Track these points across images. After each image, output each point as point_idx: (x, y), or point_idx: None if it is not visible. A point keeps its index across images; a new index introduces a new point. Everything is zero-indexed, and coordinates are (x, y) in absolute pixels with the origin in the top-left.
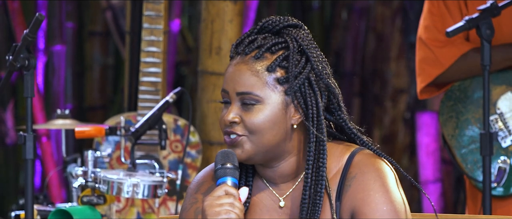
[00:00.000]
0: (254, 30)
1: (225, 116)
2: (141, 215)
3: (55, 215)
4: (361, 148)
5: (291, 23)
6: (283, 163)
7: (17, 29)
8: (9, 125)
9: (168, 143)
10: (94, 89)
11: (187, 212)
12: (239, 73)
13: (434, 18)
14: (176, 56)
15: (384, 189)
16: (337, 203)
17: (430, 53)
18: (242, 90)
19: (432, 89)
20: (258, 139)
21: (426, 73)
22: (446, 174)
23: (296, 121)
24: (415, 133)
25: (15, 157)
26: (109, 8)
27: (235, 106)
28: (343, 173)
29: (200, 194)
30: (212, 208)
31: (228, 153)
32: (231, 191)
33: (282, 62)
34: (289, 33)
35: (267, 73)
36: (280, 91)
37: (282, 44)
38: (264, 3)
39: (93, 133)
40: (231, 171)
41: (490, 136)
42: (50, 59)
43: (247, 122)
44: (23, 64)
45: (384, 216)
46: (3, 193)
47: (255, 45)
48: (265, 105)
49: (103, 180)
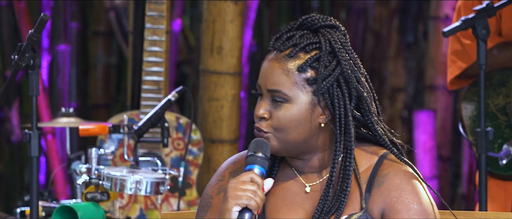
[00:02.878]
0: (295, 25)
1: (256, 110)
2: (143, 211)
3: (59, 211)
4: (387, 152)
5: (328, 23)
6: (312, 156)
7: (23, 28)
8: (15, 122)
9: (170, 141)
10: (98, 88)
11: (212, 187)
12: (271, 71)
13: (468, 12)
14: (178, 56)
15: (415, 189)
16: (366, 194)
17: (460, 46)
18: (272, 88)
19: (462, 81)
20: (284, 137)
21: (456, 66)
22: (443, 171)
23: (323, 120)
24: (412, 131)
25: (20, 154)
26: (113, 9)
27: (266, 102)
28: (374, 169)
29: (228, 172)
30: (235, 191)
31: (262, 142)
32: (256, 179)
33: (313, 63)
34: (325, 34)
35: (298, 73)
36: (308, 91)
37: (316, 44)
38: (265, 3)
39: (97, 130)
40: (261, 160)
41: (486, 134)
42: (55, 59)
43: (274, 118)
44: (28, 64)
45: (415, 215)
46: (9, 190)
47: (291, 43)
48: (292, 104)
49: (106, 177)
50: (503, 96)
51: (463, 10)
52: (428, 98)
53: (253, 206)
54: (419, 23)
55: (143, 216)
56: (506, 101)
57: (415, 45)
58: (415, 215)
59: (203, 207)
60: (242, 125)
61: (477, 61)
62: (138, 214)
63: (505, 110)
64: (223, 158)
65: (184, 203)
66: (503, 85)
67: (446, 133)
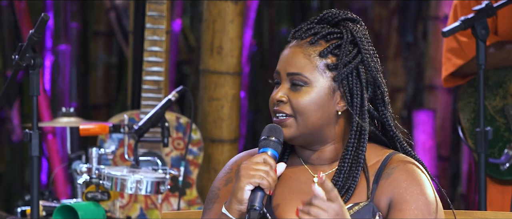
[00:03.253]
0: (314, 20)
1: (274, 94)
2: (144, 211)
3: (60, 210)
4: (395, 152)
5: (349, 17)
6: (323, 147)
7: (24, 28)
8: (15, 122)
9: (171, 141)
10: (98, 88)
11: (219, 180)
12: (292, 55)
13: (464, 11)
14: (178, 56)
15: (424, 183)
16: (374, 185)
17: (456, 44)
18: (292, 71)
19: (457, 79)
20: (303, 120)
21: (450, 63)
22: (443, 171)
23: (341, 108)
24: (412, 131)
25: (21, 154)
26: (113, 9)
27: (285, 86)
28: (382, 164)
29: (236, 165)
30: (248, 170)
31: (275, 127)
32: (269, 160)
33: (334, 50)
34: (346, 26)
35: (319, 58)
36: (328, 77)
37: (337, 34)
38: (264, 3)
39: (97, 130)
40: (275, 144)
41: (485, 133)
42: (55, 59)
43: (293, 102)
44: (29, 63)
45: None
46: (10, 189)
47: (312, 32)
48: (312, 88)
49: (107, 176)
50: (501, 98)
51: (460, 10)
52: (427, 98)
53: (265, 185)
54: (418, 23)
55: (143, 215)
56: (504, 103)
57: (414, 45)
58: (422, 206)
59: (210, 199)
60: (242, 125)
61: (477, 61)
62: (139, 214)
63: (503, 112)
64: (223, 157)
65: (184, 202)
66: (499, 86)
67: (446, 133)
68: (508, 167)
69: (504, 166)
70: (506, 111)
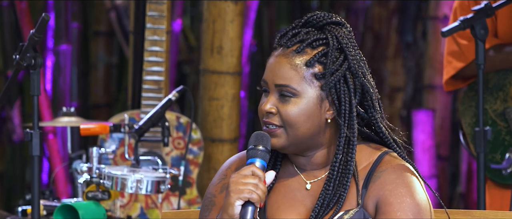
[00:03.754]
0: (299, 23)
1: (263, 105)
2: (144, 210)
3: (60, 210)
4: (389, 150)
5: (334, 20)
6: (315, 153)
7: (25, 28)
8: (16, 122)
9: (171, 140)
10: (99, 88)
11: (214, 186)
12: (278, 66)
13: (464, 14)
14: (178, 56)
15: (410, 184)
16: (363, 190)
17: (456, 46)
18: (280, 83)
19: (458, 82)
20: (293, 131)
21: (451, 66)
22: (442, 170)
23: (330, 116)
24: (411, 130)
25: (22, 153)
26: (113, 9)
27: (273, 97)
28: (373, 167)
29: (230, 170)
30: (237, 185)
31: (262, 135)
32: (258, 172)
33: (321, 58)
34: (331, 30)
35: (306, 68)
36: (316, 86)
37: (323, 40)
38: (264, 3)
39: (98, 130)
40: (262, 153)
41: (484, 133)
42: (56, 59)
43: (283, 113)
44: (30, 63)
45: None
46: (11, 189)
47: (297, 39)
48: (301, 98)
49: (107, 176)
50: (501, 101)
51: (459, 11)
52: (426, 98)
53: (255, 199)
54: (418, 23)
55: (143, 215)
56: (504, 107)
57: (414, 45)
58: (407, 208)
59: (207, 206)
60: (242, 124)
61: (476, 61)
62: (139, 213)
63: (504, 116)
64: (223, 157)
65: (184, 202)
66: (500, 89)
67: (445, 132)
68: (510, 172)
69: (506, 171)
70: (507, 114)
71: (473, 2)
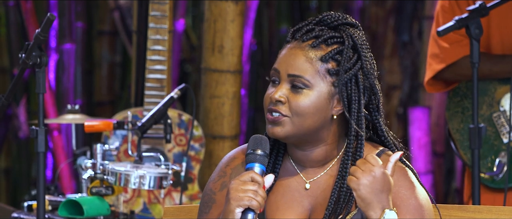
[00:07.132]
0: (313, 21)
1: (272, 93)
2: (147, 205)
3: (65, 205)
4: (385, 149)
5: (348, 21)
6: (315, 149)
7: (30, 28)
8: (22, 119)
9: (173, 137)
10: (103, 86)
11: (214, 183)
12: (294, 57)
13: (446, 16)
14: (180, 54)
15: (412, 186)
16: None
17: (437, 49)
18: (294, 73)
19: (440, 86)
20: (300, 122)
21: (431, 68)
22: (437, 166)
23: (336, 112)
24: (407, 127)
25: (28, 150)
26: (117, 9)
27: (284, 87)
28: None
29: (229, 168)
30: (237, 192)
31: (261, 139)
32: (257, 178)
33: (336, 56)
34: (346, 30)
35: (320, 63)
36: (328, 81)
37: (338, 38)
38: (264, 3)
39: (101, 127)
40: (261, 158)
41: (479, 130)
42: (61, 57)
43: (293, 103)
44: (35, 62)
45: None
46: (16, 184)
47: (313, 35)
48: (312, 91)
49: (111, 172)
50: (487, 106)
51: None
52: (422, 95)
53: (254, 206)
54: (414, 22)
55: (146, 210)
56: (491, 111)
57: (410, 44)
58: (413, 210)
59: (206, 203)
60: (242, 121)
61: (471, 59)
62: (142, 208)
63: (492, 121)
64: (224, 153)
65: (186, 197)
66: (485, 94)
67: (440, 129)
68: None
69: (498, 177)
70: (494, 118)
71: (455, 2)
